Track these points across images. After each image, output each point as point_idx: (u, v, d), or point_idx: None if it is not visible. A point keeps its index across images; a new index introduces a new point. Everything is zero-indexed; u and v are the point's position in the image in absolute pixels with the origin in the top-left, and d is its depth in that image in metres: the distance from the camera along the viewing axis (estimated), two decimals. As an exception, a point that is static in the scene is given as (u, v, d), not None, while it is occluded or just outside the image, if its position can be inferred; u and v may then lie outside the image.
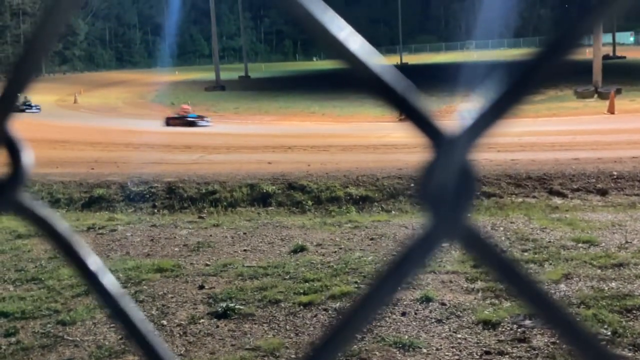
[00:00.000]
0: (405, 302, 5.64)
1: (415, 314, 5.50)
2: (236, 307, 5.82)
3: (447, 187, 0.30)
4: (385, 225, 8.64)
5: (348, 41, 0.37)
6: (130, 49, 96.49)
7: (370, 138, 17.29)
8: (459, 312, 5.47)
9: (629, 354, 4.59)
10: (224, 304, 5.86)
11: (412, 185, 10.33)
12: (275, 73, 64.82)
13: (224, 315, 5.69)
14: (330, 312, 5.68)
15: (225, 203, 10.76)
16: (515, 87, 0.31)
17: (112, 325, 5.55)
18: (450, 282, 6.13)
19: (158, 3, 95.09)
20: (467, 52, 75.24)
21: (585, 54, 27.55)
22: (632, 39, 76.49)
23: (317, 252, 7.54)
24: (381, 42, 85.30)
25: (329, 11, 0.38)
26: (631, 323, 5.07)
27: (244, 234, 8.56)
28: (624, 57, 49.70)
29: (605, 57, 35.36)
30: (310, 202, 10.59)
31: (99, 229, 9.04)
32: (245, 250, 7.80)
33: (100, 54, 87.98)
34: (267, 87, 44.59)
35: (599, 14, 0.31)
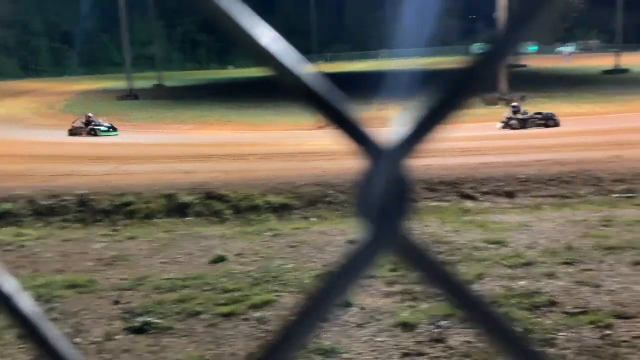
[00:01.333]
0: (326, 309, 5.67)
1: (335, 319, 5.55)
2: (154, 321, 5.67)
3: (384, 199, 0.31)
4: (305, 233, 8.67)
5: (274, 48, 0.37)
6: (36, 57, 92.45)
7: (288, 146, 17.34)
8: (378, 316, 5.57)
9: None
10: (141, 319, 5.70)
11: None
12: (191, 82, 63.79)
13: (141, 330, 5.53)
14: (251, 321, 5.64)
15: (141, 215, 10.48)
16: (450, 96, 0.32)
17: (22, 346, 5.28)
18: (369, 286, 6.22)
19: (65, 11, 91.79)
20: (381, 61, 76.85)
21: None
22: (534, 47, 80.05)
23: (237, 261, 7.48)
24: (297, 51, 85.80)
25: (254, 17, 0.38)
26: (540, 319, 5.32)
27: (162, 246, 8.37)
28: (525, 66, 52.15)
29: (509, 66, 36.99)
30: (229, 212, 10.48)
31: (7, 245, 8.60)
32: (163, 262, 7.63)
33: (4, 62, 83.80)
34: (182, 95, 43.81)
35: (527, 26, 0.33)
